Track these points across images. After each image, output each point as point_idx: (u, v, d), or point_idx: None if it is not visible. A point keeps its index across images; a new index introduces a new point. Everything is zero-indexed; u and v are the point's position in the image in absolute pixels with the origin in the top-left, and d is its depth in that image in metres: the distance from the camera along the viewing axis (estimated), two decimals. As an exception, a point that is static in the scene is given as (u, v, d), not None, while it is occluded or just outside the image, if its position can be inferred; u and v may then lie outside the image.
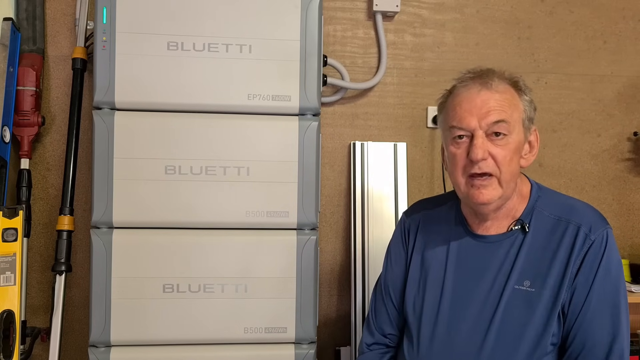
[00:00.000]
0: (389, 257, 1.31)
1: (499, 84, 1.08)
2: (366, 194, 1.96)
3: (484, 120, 1.05)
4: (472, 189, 1.08)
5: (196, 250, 1.55)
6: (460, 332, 1.12)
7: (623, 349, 1.05)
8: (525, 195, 1.15)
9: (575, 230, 1.08)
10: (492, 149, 1.05)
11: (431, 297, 1.17)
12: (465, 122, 1.07)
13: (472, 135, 1.06)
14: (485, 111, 1.05)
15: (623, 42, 2.14)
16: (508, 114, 1.06)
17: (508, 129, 1.06)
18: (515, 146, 1.07)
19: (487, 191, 1.07)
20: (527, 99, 1.11)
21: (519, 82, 1.12)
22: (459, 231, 1.19)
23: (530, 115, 1.11)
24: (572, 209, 1.12)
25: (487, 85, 1.08)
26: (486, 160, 1.05)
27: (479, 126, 1.06)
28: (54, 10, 1.90)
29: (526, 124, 1.10)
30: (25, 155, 1.80)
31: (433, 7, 2.06)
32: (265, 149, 1.57)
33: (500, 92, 1.07)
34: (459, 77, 1.13)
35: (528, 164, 1.13)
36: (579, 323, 1.06)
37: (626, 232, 2.13)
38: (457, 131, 1.08)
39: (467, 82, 1.10)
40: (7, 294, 1.51)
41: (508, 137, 1.06)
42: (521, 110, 1.09)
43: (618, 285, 1.07)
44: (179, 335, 1.55)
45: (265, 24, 1.57)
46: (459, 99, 1.09)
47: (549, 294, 1.07)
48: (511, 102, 1.07)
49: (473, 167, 1.06)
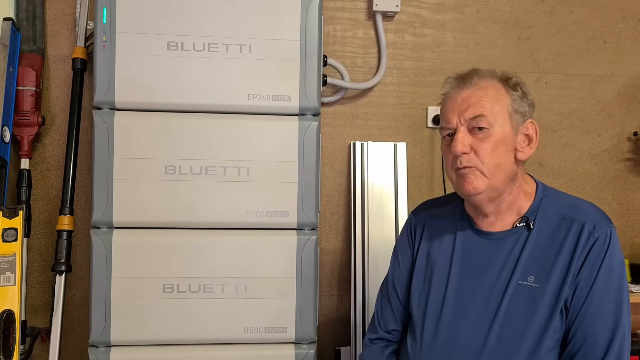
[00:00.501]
0: (395, 255, 1.33)
1: (479, 80, 1.13)
2: (366, 193, 1.96)
3: (463, 116, 1.11)
4: (460, 179, 1.13)
5: (196, 250, 1.55)
6: (464, 328, 1.13)
7: (623, 346, 1.06)
8: (531, 193, 1.18)
9: (579, 228, 1.10)
10: (474, 142, 1.11)
11: (436, 292, 1.19)
12: (448, 120, 1.14)
13: (455, 132, 1.12)
14: (464, 108, 1.11)
15: (623, 42, 2.14)
16: (487, 108, 1.10)
17: (488, 122, 1.10)
18: (499, 138, 1.11)
19: (470, 179, 1.11)
20: (517, 93, 1.14)
21: (511, 78, 1.15)
22: (464, 228, 1.21)
23: (521, 109, 1.14)
24: (577, 208, 1.14)
25: (467, 83, 1.14)
26: (468, 154, 1.10)
27: (459, 122, 1.12)
28: (54, 10, 1.90)
29: (515, 117, 1.13)
30: (25, 155, 1.80)
31: (433, 7, 2.06)
32: (265, 149, 1.57)
33: (481, 88, 1.12)
34: (446, 81, 1.19)
35: (527, 157, 1.15)
36: (580, 319, 1.07)
37: (626, 232, 2.13)
38: (445, 130, 1.16)
39: (452, 83, 1.17)
40: (7, 294, 1.51)
41: (489, 129, 1.10)
42: (506, 104, 1.12)
43: (620, 283, 1.09)
44: (179, 335, 1.55)
45: (265, 24, 1.57)
46: (445, 100, 1.17)
47: (552, 289, 1.08)
48: (493, 96, 1.12)
49: (456, 161, 1.12)
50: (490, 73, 1.15)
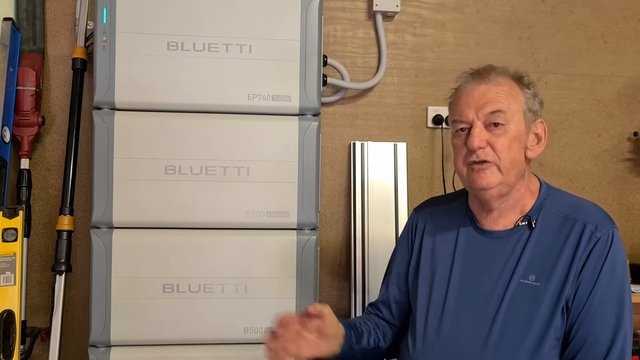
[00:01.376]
0: (395, 251, 1.34)
1: (496, 77, 1.13)
2: (366, 194, 1.96)
3: (481, 111, 1.10)
4: (472, 173, 1.12)
5: (196, 250, 1.55)
6: (466, 325, 1.13)
7: (625, 346, 1.06)
8: (535, 192, 1.18)
9: (581, 228, 1.10)
10: (490, 138, 1.10)
11: (438, 290, 1.19)
12: (464, 114, 1.12)
13: (472, 127, 1.11)
14: (482, 103, 1.11)
15: (623, 42, 2.13)
16: (505, 104, 1.10)
17: (505, 118, 1.10)
18: (514, 135, 1.11)
19: (486, 175, 1.10)
20: (530, 92, 1.14)
21: (524, 77, 1.16)
22: (467, 227, 1.21)
23: (533, 107, 1.14)
24: (580, 208, 1.14)
25: (484, 79, 1.13)
26: (484, 148, 1.10)
27: (476, 117, 1.11)
28: (54, 10, 1.90)
29: (528, 115, 1.13)
30: (25, 155, 1.80)
31: (433, 7, 2.06)
32: (265, 149, 1.57)
33: (498, 85, 1.12)
34: (460, 75, 1.18)
35: (535, 155, 1.16)
36: (582, 318, 1.07)
37: (626, 232, 2.13)
38: (458, 124, 1.14)
39: (467, 78, 1.16)
40: (7, 294, 1.51)
41: (506, 126, 1.10)
42: (521, 102, 1.13)
43: (623, 283, 1.09)
44: (179, 335, 1.55)
45: (265, 24, 1.57)
46: (459, 94, 1.16)
47: (553, 288, 1.08)
48: (509, 93, 1.12)
49: (472, 155, 1.11)
50: (504, 71, 1.15)
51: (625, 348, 1.06)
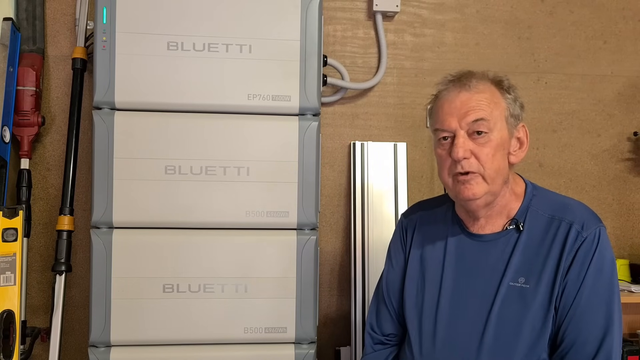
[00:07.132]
0: (389, 258, 1.33)
1: (477, 84, 1.11)
2: (366, 194, 1.96)
3: (464, 120, 1.09)
4: (458, 184, 1.11)
5: (196, 250, 1.55)
6: (460, 330, 1.13)
7: (612, 346, 1.05)
8: (520, 194, 1.17)
9: (567, 228, 1.10)
10: (474, 148, 1.09)
11: (430, 296, 1.19)
12: (446, 123, 1.11)
13: (455, 136, 1.10)
14: (464, 111, 1.09)
15: (623, 42, 2.14)
16: (487, 112, 1.09)
17: (488, 126, 1.09)
18: (498, 143, 1.10)
19: (472, 186, 1.09)
20: (511, 97, 1.13)
21: (503, 81, 1.14)
22: (455, 231, 1.21)
23: (515, 112, 1.13)
24: (566, 208, 1.13)
25: (465, 86, 1.11)
26: (468, 159, 1.09)
27: (459, 126, 1.09)
28: (54, 10, 1.90)
29: (510, 120, 1.12)
30: (25, 155, 1.80)
31: (433, 7, 2.06)
32: (265, 149, 1.57)
33: (479, 92, 1.10)
34: (440, 82, 1.17)
35: (518, 160, 1.15)
36: (569, 319, 1.07)
37: (626, 232, 2.13)
38: (441, 133, 1.12)
39: (448, 85, 1.14)
40: (7, 294, 1.50)
41: (489, 134, 1.09)
42: (503, 108, 1.11)
43: (611, 283, 1.08)
44: (179, 335, 1.55)
45: (265, 24, 1.57)
46: (441, 102, 1.14)
47: (543, 290, 1.08)
48: (491, 100, 1.10)
49: (457, 166, 1.10)
50: (484, 76, 1.14)
51: (613, 347, 1.05)
